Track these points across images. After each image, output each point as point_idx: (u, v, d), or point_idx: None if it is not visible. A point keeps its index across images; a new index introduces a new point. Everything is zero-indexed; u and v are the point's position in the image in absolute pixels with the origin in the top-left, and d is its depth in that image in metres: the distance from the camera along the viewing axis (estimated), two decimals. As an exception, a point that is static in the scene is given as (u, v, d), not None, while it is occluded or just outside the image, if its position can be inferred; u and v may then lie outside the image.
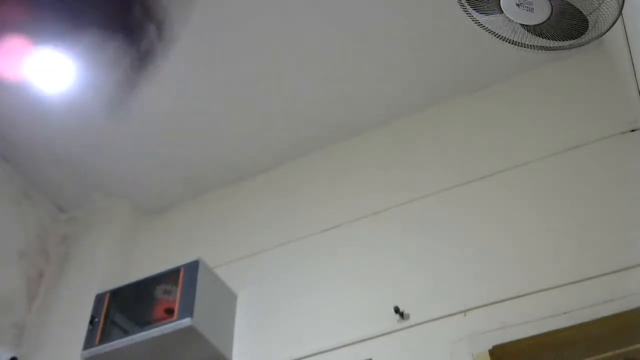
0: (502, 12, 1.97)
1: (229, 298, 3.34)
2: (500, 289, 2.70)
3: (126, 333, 3.10)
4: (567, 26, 1.95)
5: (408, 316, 2.82)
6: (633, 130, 2.94)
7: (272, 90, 3.54)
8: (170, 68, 3.42)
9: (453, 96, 3.59)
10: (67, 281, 3.73)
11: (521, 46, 2.08)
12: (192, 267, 3.16)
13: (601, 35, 1.96)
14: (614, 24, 1.92)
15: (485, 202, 3.07)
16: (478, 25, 2.08)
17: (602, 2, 1.86)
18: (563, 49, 2.04)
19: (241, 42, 3.32)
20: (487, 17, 2.03)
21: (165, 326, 2.96)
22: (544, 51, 2.06)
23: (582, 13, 1.90)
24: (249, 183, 3.93)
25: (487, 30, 2.09)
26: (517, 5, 1.92)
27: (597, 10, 1.88)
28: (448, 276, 2.88)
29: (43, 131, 3.66)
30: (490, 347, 2.53)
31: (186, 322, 2.92)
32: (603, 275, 2.54)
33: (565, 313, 2.49)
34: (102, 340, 3.09)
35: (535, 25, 1.97)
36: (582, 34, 1.96)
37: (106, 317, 3.20)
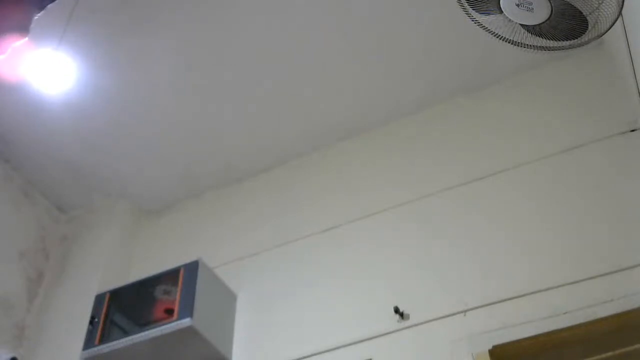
0: (501, 12, 1.97)
1: (229, 298, 3.34)
2: (500, 289, 2.71)
3: (126, 333, 3.10)
4: (567, 26, 1.95)
5: (408, 316, 2.82)
6: (633, 130, 2.94)
7: (272, 91, 3.54)
8: (170, 67, 3.43)
9: (453, 96, 3.59)
10: (67, 281, 3.73)
11: (521, 46, 2.07)
12: (192, 267, 3.16)
13: (601, 35, 1.96)
14: (613, 24, 1.92)
15: (485, 202, 3.07)
16: (478, 25, 2.08)
17: (602, 2, 1.86)
18: (563, 49, 2.04)
19: (242, 42, 3.32)
20: (487, 17, 2.03)
21: (165, 326, 2.95)
22: (544, 51, 2.06)
23: (582, 13, 1.90)
24: (249, 183, 3.93)
25: (487, 30, 2.09)
26: (517, 5, 1.92)
27: (597, 10, 1.88)
28: (448, 276, 2.88)
29: (43, 131, 3.66)
30: (490, 347, 2.53)
31: (186, 322, 2.92)
32: (603, 275, 2.55)
33: (565, 313, 2.50)
34: (102, 341, 3.09)
35: (535, 25, 1.97)
36: (582, 34, 1.96)
37: (106, 317, 3.20)
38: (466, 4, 2.02)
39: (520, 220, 2.91)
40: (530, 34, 2.02)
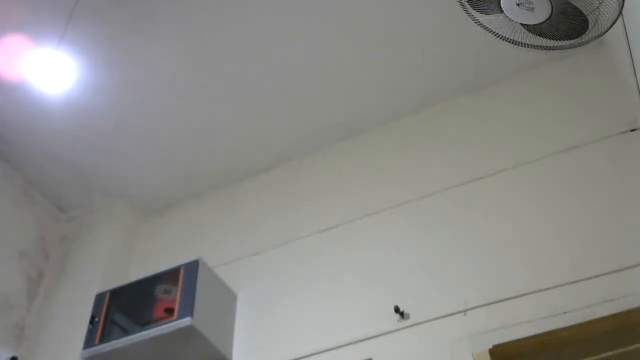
0: (502, 11, 1.97)
1: (229, 298, 3.34)
2: (500, 289, 2.71)
3: (126, 333, 3.10)
4: (567, 26, 1.95)
5: (408, 316, 2.82)
6: (633, 130, 2.94)
7: (272, 90, 3.54)
8: (170, 68, 3.43)
9: (453, 96, 3.59)
10: (67, 281, 3.73)
11: (521, 46, 2.08)
12: (192, 267, 3.16)
13: (601, 35, 1.96)
14: (614, 23, 1.92)
15: (484, 202, 3.07)
16: (478, 24, 2.09)
17: (602, 1, 1.87)
18: (563, 49, 2.04)
19: (242, 42, 3.32)
20: (487, 17, 2.04)
21: (165, 326, 2.95)
22: (544, 51, 2.07)
23: (582, 13, 1.91)
24: (249, 183, 3.93)
25: (487, 30, 2.09)
26: (518, 4, 1.92)
27: (597, 9, 1.89)
28: (448, 276, 2.88)
29: (43, 131, 3.66)
30: (490, 346, 2.53)
31: (186, 321, 2.92)
32: (603, 275, 2.55)
33: (565, 313, 2.50)
34: (102, 340, 3.09)
35: (536, 24, 1.97)
36: (583, 33, 1.96)
37: (106, 316, 3.20)
38: (466, 3, 2.03)
39: (520, 220, 2.91)
40: (530, 34, 2.02)
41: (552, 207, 2.89)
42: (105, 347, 3.06)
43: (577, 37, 1.98)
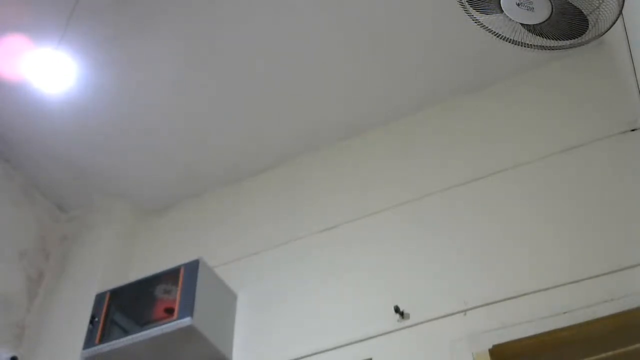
0: (502, 11, 1.97)
1: (229, 298, 3.34)
2: (500, 289, 2.71)
3: (126, 333, 3.10)
4: (567, 26, 1.95)
5: (408, 316, 2.82)
6: (633, 130, 2.94)
7: (272, 90, 3.54)
8: (170, 67, 3.44)
9: (453, 96, 3.59)
10: (67, 281, 3.73)
11: (521, 46, 2.08)
12: (192, 267, 3.16)
13: (601, 35, 1.96)
14: (614, 23, 1.92)
15: (484, 202, 3.08)
16: (478, 24, 2.08)
17: (602, 1, 1.87)
18: (563, 49, 2.04)
19: (242, 42, 3.32)
20: (487, 17, 2.04)
21: (166, 326, 2.96)
22: (544, 51, 2.06)
23: (582, 12, 1.90)
24: (249, 183, 3.93)
25: (487, 30, 2.09)
26: (518, 4, 1.92)
27: (597, 9, 1.89)
28: (448, 276, 2.88)
29: (43, 131, 3.66)
30: (490, 346, 2.53)
31: (186, 321, 2.93)
32: (603, 275, 2.55)
33: (565, 313, 2.50)
34: (102, 340, 3.09)
35: (536, 24, 1.97)
36: (583, 33, 1.96)
37: (106, 316, 3.20)
38: (466, 3, 2.03)
39: (520, 220, 2.91)
40: (530, 33, 2.02)
41: (552, 206, 2.89)
42: (105, 347, 3.06)
43: (577, 37, 1.98)
